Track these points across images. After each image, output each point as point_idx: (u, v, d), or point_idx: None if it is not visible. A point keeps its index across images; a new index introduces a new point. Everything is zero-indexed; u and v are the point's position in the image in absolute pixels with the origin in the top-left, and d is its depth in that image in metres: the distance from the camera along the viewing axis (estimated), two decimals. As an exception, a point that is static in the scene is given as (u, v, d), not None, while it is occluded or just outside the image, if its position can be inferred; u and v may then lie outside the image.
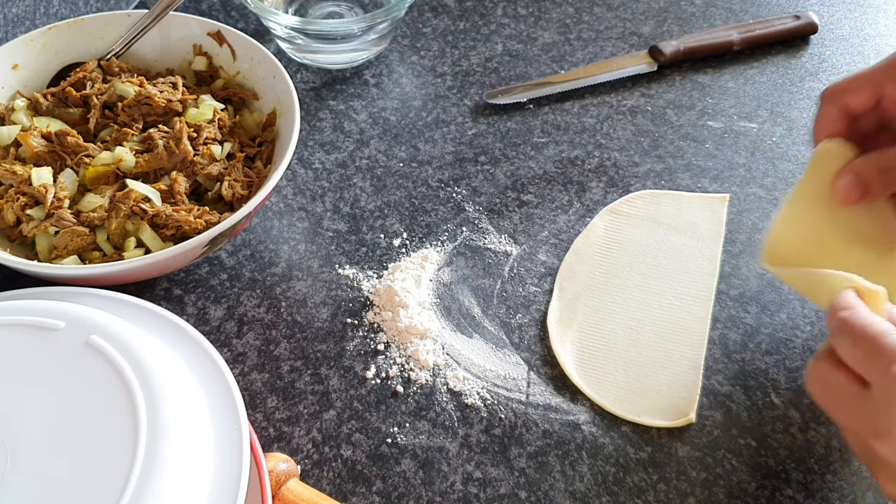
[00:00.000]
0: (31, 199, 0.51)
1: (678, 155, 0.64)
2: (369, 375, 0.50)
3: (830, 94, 0.50)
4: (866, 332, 0.39)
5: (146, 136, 0.54)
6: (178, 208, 0.51)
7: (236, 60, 0.60)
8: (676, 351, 0.52)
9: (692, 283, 0.55)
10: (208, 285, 0.55)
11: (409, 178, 0.62)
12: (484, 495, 0.45)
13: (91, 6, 0.71)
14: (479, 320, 0.54)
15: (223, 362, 0.40)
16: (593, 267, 0.56)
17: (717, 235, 0.58)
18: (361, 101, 0.68)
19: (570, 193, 0.61)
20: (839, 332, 0.40)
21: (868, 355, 0.38)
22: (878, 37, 0.75)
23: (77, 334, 0.38)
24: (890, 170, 0.47)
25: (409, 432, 0.48)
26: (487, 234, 0.59)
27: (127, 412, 0.35)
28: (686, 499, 0.45)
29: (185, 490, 0.34)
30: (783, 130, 0.66)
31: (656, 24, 0.76)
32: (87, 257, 0.51)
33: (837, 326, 0.40)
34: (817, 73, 0.72)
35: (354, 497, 0.45)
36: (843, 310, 0.41)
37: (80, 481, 0.33)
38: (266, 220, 0.59)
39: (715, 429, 0.48)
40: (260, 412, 0.49)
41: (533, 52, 0.73)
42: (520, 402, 0.49)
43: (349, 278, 0.56)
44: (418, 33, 0.75)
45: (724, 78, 0.71)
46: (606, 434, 0.48)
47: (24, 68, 0.58)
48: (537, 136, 0.66)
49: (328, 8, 0.73)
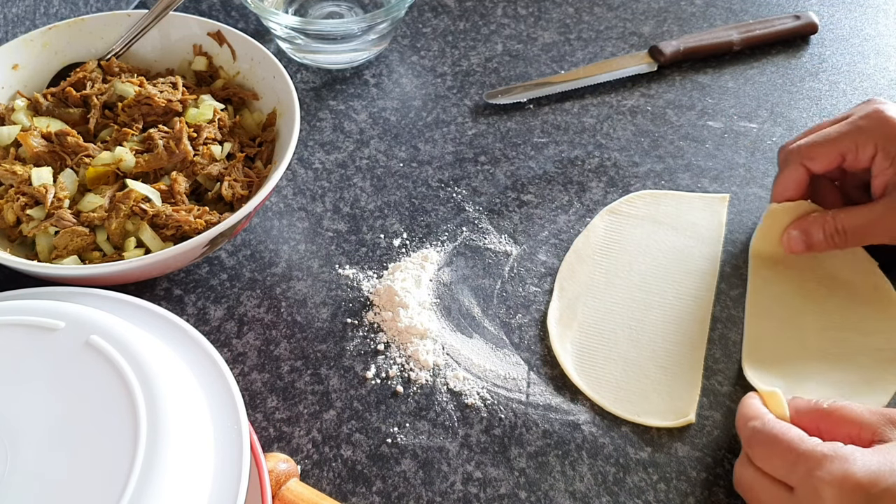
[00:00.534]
0: (31, 199, 0.51)
1: (678, 155, 0.64)
2: (369, 375, 0.50)
3: (794, 155, 0.54)
4: (780, 440, 0.41)
5: (146, 136, 0.54)
6: (178, 208, 0.51)
7: (236, 60, 0.60)
8: (676, 351, 0.52)
9: (692, 283, 0.55)
10: (208, 285, 0.55)
11: (409, 178, 0.62)
12: (484, 495, 0.45)
13: (91, 6, 0.71)
14: (479, 320, 0.54)
15: (223, 362, 0.40)
16: (593, 267, 0.56)
17: (717, 235, 0.58)
18: (361, 101, 0.68)
19: (570, 193, 0.61)
20: (754, 442, 0.42)
21: (787, 462, 0.40)
22: (878, 37, 0.75)
23: (77, 334, 0.38)
24: (833, 233, 0.52)
25: (409, 432, 0.48)
26: (487, 234, 0.59)
27: (127, 412, 0.35)
28: (686, 499, 0.45)
29: (185, 490, 0.34)
30: (783, 130, 0.66)
31: (656, 24, 0.76)
32: (87, 257, 0.51)
33: (751, 436, 0.42)
34: (817, 73, 0.72)
35: (354, 497, 0.45)
36: (752, 419, 0.43)
37: (80, 481, 0.33)
38: (266, 220, 0.59)
39: (715, 429, 0.48)
40: (260, 412, 0.49)
41: (533, 52, 0.73)
42: (520, 402, 0.49)
43: (349, 278, 0.56)
44: (418, 33, 0.75)
45: (724, 78, 0.71)
46: (606, 434, 0.48)
47: (24, 68, 0.58)
48: (537, 136, 0.66)
49: (328, 8, 0.73)
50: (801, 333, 0.52)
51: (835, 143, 0.52)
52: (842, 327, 0.52)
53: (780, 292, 0.54)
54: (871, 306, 0.53)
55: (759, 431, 0.42)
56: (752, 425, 0.43)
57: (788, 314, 0.53)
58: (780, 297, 0.54)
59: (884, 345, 0.51)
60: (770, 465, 0.41)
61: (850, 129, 0.52)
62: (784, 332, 0.52)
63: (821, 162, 0.53)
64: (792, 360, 0.50)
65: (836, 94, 0.69)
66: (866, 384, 0.49)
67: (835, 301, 0.54)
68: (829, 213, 0.53)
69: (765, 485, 0.41)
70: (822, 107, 0.68)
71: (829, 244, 0.52)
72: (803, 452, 0.39)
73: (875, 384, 0.49)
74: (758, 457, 0.42)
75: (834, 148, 0.52)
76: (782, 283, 0.55)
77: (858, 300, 0.53)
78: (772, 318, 0.53)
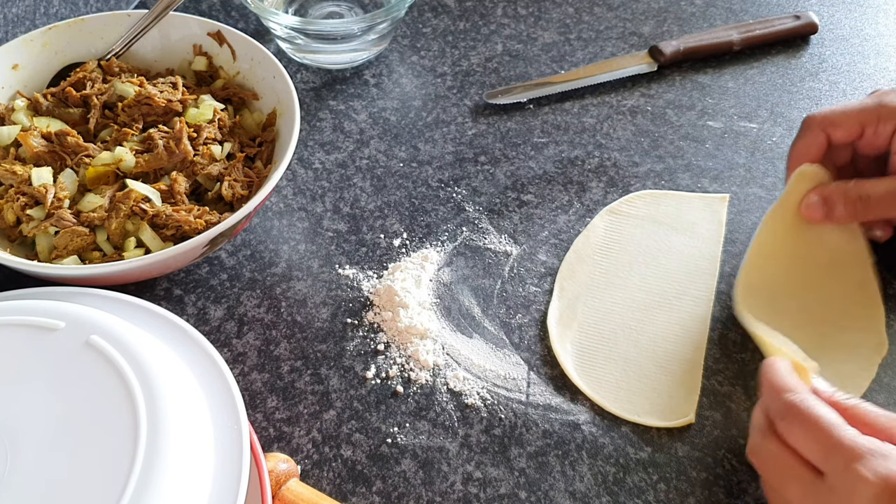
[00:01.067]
0: (31, 199, 0.51)
1: (678, 155, 0.64)
2: (369, 375, 0.50)
3: (816, 121, 0.54)
4: (820, 423, 0.39)
5: (146, 136, 0.54)
6: (178, 208, 0.51)
7: (236, 60, 0.60)
8: (676, 351, 0.52)
9: (692, 283, 0.55)
10: (208, 285, 0.55)
11: (409, 178, 0.62)
12: (484, 495, 0.45)
13: (91, 6, 0.71)
14: (479, 320, 0.54)
15: (223, 362, 0.40)
16: (593, 267, 0.56)
17: (717, 235, 0.58)
18: (361, 101, 0.68)
19: (570, 193, 0.61)
20: (789, 417, 0.40)
21: (824, 448, 0.39)
22: (878, 37, 0.75)
23: (77, 334, 0.38)
24: (856, 200, 0.51)
25: (409, 432, 0.48)
26: (487, 234, 0.59)
27: (127, 412, 0.35)
28: (686, 499, 0.45)
29: (185, 490, 0.34)
30: (783, 130, 0.66)
31: (656, 24, 0.76)
32: (87, 257, 0.51)
33: (785, 410, 0.41)
34: (817, 73, 0.72)
35: (354, 497, 0.45)
36: (788, 392, 0.41)
37: (80, 481, 0.33)
38: (266, 220, 0.59)
39: (715, 429, 0.48)
40: (260, 412, 0.49)
41: (533, 52, 0.73)
42: (520, 402, 0.49)
43: (349, 278, 0.56)
44: (418, 33, 0.75)
45: (724, 78, 0.71)
46: (606, 434, 0.48)
47: (24, 68, 0.58)
48: (537, 136, 0.66)
49: (328, 8, 0.73)
50: (781, 321, 0.51)
51: (858, 113, 0.52)
52: (822, 322, 0.52)
53: (773, 271, 0.54)
54: (854, 303, 0.53)
55: (796, 407, 0.40)
56: (789, 398, 0.41)
57: (775, 296, 0.53)
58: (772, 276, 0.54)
59: (861, 342, 0.51)
60: (805, 446, 0.39)
61: (874, 103, 0.52)
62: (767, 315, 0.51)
63: (843, 130, 0.52)
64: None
65: (836, 94, 0.69)
66: (838, 379, 0.49)
67: (818, 295, 0.53)
68: (851, 182, 0.52)
69: (791, 462, 0.40)
70: (822, 107, 0.68)
71: (850, 212, 0.51)
72: (844, 442, 0.38)
73: (847, 380, 0.49)
74: (791, 434, 0.40)
75: (857, 117, 0.52)
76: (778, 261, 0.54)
77: (843, 296, 0.53)
78: (759, 296, 0.52)
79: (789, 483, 0.40)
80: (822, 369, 0.49)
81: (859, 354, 0.51)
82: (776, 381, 0.42)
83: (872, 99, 0.53)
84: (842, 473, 0.38)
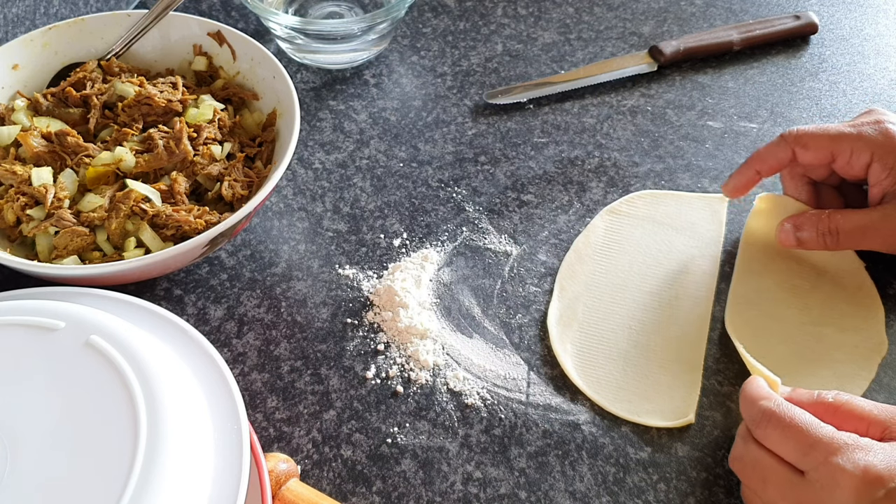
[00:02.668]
0: (31, 199, 0.51)
1: (678, 155, 0.64)
2: (369, 375, 0.50)
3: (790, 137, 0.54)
4: (794, 423, 0.40)
5: (146, 136, 0.54)
6: (178, 208, 0.51)
7: (236, 60, 0.60)
8: (676, 351, 0.52)
9: (692, 283, 0.55)
10: (208, 285, 0.55)
11: (409, 178, 0.62)
12: (484, 495, 0.45)
13: (91, 6, 0.71)
14: (479, 320, 0.54)
15: (223, 362, 0.40)
16: (593, 267, 0.56)
17: (717, 235, 0.58)
18: (361, 101, 0.68)
19: (570, 193, 0.61)
20: (764, 422, 0.41)
21: (802, 446, 0.39)
22: (878, 37, 0.75)
23: (77, 334, 0.38)
24: (825, 233, 0.52)
25: (409, 432, 0.48)
26: (487, 234, 0.59)
27: (127, 412, 0.35)
28: (686, 499, 0.45)
29: (185, 490, 0.34)
30: (783, 130, 0.66)
31: (656, 24, 0.76)
32: (87, 257, 0.51)
33: (761, 416, 0.42)
34: (817, 73, 0.72)
35: (354, 497, 0.45)
36: (763, 399, 0.42)
37: (80, 481, 0.33)
38: (266, 220, 0.59)
39: (715, 429, 0.48)
40: (260, 412, 0.49)
41: (533, 52, 0.73)
42: (520, 402, 0.49)
43: (349, 278, 0.56)
44: (418, 33, 0.75)
45: (724, 78, 0.71)
46: (606, 434, 0.48)
47: (24, 68, 0.58)
48: (537, 136, 0.66)
49: (328, 8, 0.73)
50: (780, 326, 0.52)
51: (831, 140, 0.52)
52: (821, 322, 0.52)
53: (764, 284, 0.54)
54: (852, 304, 0.53)
55: (771, 412, 0.41)
56: (764, 405, 0.42)
57: (770, 306, 0.53)
58: (764, 288, 0.54)
59: (860, 342, 0.51)
60: (782, 447, 0.40)
61: (851, 132, 0.52)
62: (763, 322, 0.52)
63: (811, 153, 0.53)
64: (768, 352, 0.50)
65: (836, 94, 0.69)
66: (837, 379, 0.50)
67: (817, 296, 0.54)
68: (825, 213, 0.53)
69: (772, 465, 0.40)
70: (822, 107, 0.68)
71: (820, 243, 0.52)
72: (821, 438, 0.39)
73: (846, 380, 0.50)
74: (769, 438, 0.41)
75: (829, 144, 0.52)
76: (768, 275, 0.55)
77: (841, 297, 0.54)
78: (753, 309, 0.53)
79: (769, 484, 0.41)
80: (823, 369, 0.50)
81: (859, 354, 0.51)
82: (748, 392, 0.44)
83: (857, 123, 0.52)
84: (821, 468, 0.38)
